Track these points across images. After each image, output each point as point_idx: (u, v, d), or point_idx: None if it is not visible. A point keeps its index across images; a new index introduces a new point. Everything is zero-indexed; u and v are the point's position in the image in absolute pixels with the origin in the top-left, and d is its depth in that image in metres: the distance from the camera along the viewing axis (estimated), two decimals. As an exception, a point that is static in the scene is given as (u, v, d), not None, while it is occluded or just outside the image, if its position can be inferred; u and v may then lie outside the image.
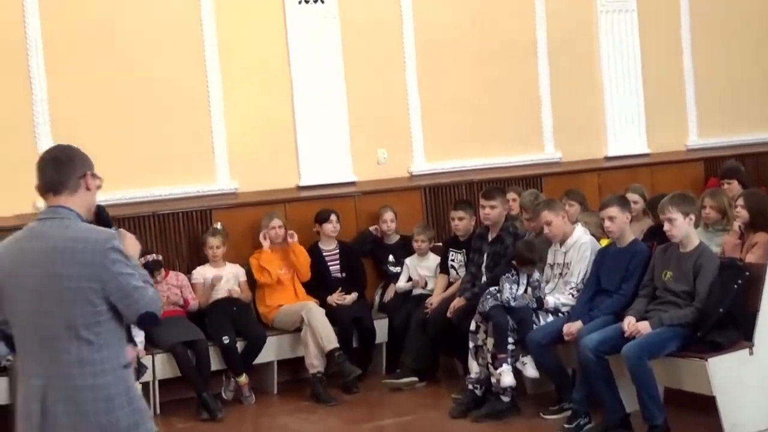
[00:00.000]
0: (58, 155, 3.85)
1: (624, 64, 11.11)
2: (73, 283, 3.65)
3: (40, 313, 3.68)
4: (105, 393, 3.67)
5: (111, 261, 3.66)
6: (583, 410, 6.75)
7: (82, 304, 3.65)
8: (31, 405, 3.68)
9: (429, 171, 10.11)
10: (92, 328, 3.66)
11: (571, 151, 10.82)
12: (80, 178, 3.81)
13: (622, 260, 6.98)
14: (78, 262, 3.64)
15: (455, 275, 8.49)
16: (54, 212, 3.76)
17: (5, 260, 3.79)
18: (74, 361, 3.65)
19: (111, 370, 3.69)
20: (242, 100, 9.33)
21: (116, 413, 3.69)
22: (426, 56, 10.13)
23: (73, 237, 3.68)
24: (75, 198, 3.78)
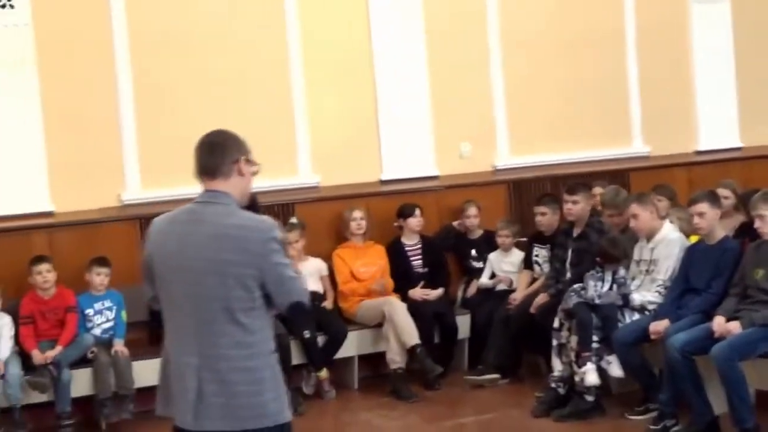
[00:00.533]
0: (214, 140, 3.90)
1: (716, 55, 10.79)
2: (235, 270, 3.73)
3: (200, 296, 3.76)
4: (256, 376, 3.77)
5: (272, 251, 3.76)
6: (669, 412, 6.56)
7: (241, 290, 3.74)
8: (188, 383, 3.78)
9: (513, 165, 9.96)
10: (247, 313, 3.76)
11: (660, 145, 10.56)
12: (233, 164, 3.85)
13: (711, 258, 6.77)
14: (242, 250, 3.73)
15: (539, 271, 8.35)
16: (213, 197, 3.83)
17: (165, 241, 3.87)
18: (230, 343, 3.75)
19: (262, 354, 3.80)
20: (325, 93, 9.31)
21: (265, 396, 3.79)
22: (511, 48, 9.99)
23: (238, 224, 3.77)
24: (229, 183, 3.84)
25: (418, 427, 7.35)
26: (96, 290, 7.76)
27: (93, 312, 7.73)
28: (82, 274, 7.83)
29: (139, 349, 7.87)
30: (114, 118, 8.63)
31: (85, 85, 8.53)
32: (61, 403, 7.33)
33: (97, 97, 8.58)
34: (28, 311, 7.55)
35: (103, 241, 8.07)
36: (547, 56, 10.14)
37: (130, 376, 7.53)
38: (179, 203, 8.42)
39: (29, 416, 7.42)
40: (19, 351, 7.47)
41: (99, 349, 7.55)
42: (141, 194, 8.67)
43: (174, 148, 8.72)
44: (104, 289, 7.78)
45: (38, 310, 7.55)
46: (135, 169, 8.70)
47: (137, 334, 8.05)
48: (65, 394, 7.34)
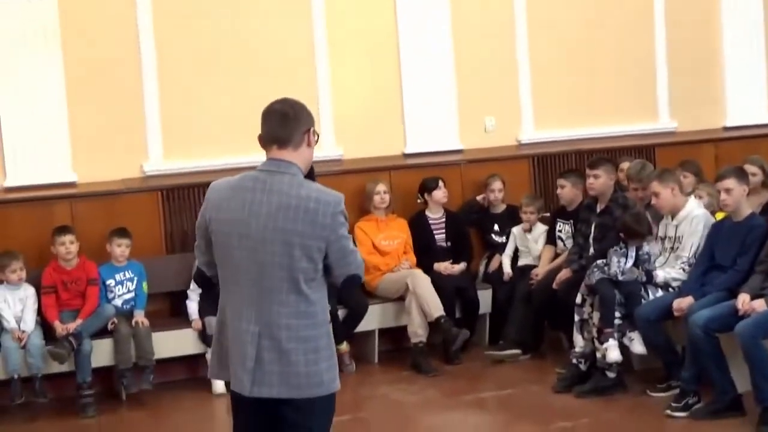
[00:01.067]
0: (287, 110, 3.91)
1: (745, 29, 10.60)
2: (303, 240, 3.78)
3: (265, 264, 3.81)
4: (313, 345, 3.83)
5: (339, 224, 3.83)
6: (691, 389, 6.50)
7: (307, 261, 3.80)
8: (247, 350, 3.83)
9: (538, 140, 9.85)
10: (309, 284, 3.83)
11: (687, 120, 10.41)
12: (304, 134, 3.90)
13: (737, 235, 6.68)
14: (310, 221, 3.78)
15: (562, 246, 8.29)
16: (280, 166, 3.85)
17: (228, 206, 3.88)
18: (291, 312, 3.81)
19: (320, 324, 3.88)
20: (348, 65, 9.22)
21: (321, 365, 3.85)
22: (536, 21, 9.85)
23: (307, 196, 3.80)
24: (298, 153, 3.88)
25: (438, 401, 7.32)
26: (117, 261, 7.76)
27: (114, 283, 7.74)
28: (104, 245, 7.84)
29: (159, 320, 7.90)
30: (137, 88, 8.57)
31: (108, 56, 8.47)
32: (82, 373, 7.34)
33: (120, 68, 8.53)
34: (50, 281, 7.56)
35: (124, 212, 8.07)
36: (573, 30, 10.00)
37: (151, 347, 7.54)
38: (201, 175, 8.58)
39: (50, 386, 7.43)
40: (41, 321, 7.49)
41: (120, 320, 7.56)
42: (163, 165, 8.64)
43: (196, 119, 8.76)
44: (125, 261, 7.78)
45: (60, 280, 7.56)
46: (157, 140, 8.64)
47: (158, 305, 8.09)
48: (86, 365, 7.35)
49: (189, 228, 8.23)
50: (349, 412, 6.72)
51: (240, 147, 8.79)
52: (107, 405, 7.52)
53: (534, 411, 6.88)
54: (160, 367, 7.68)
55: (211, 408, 7.55)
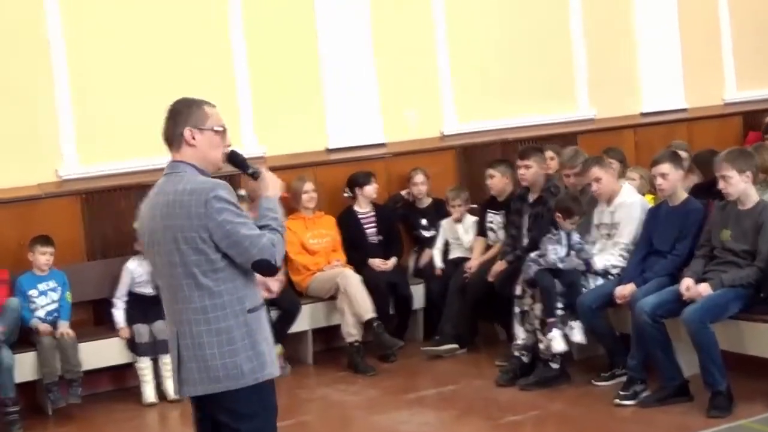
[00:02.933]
0: (172, 108, 3.97)
1: (659, 16, 10.71)
2: (185, 234, 3.78)
3: (166, 264, 3.86)
4: (227, 337, 3.81)
5: (215, 210, 3.76)
6: (639, 377, 6.47)
7: (196, 254, 3.78)
8: (172, 351, 3.94)
9: (461, 131, 9.77)
10: (210, 276, 3.80)
11: (606, 107, 10.46)
12: (180, 135, 3.90)
13: (675, 219, 6.67)
14: (186, 214, 3.77)
15: (494, 237, 8.21)
16: (171, 167, 3.92)
17: (142, 218, 4.01)
18: (197, 308, 3.81)
19: (233, 315, 3.82)
20: (267, 60, 8.99)
21: (238, 357, 3.81)
22: (454, 9, 9.77)
23: (182, 190, 3.80)
24: (181, 153, 3.91)
25: (380, 400, 7.15)
26: (40, 270, 7.40)
27: (37, 293, 7.37)
28: (20, 253, 7.48)
29: (85, 329, 7.61)
30: (49, 90, 8.20)
31: (17, 57, 8.09)
32: (4, 389, 6.98)
33: (31, 70, 8.14)
34: (-42, 290, 7.19)
35: (42, 219, 7.71)
36: (491, 20, 9.97)
37: (77, 358, 7.23)
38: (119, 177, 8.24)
39: (-30, 405, 7.06)
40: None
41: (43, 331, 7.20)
42: (79, 169, 8.28)
43: (111, 120, 8.42)
44: (48, 269, 7.42)
45: (-33, 287, 7.21)
46: (72, 142, 8.29)
47: (82, 314, 7.78)
48: (8, 380, 6.98)
49: (110, 233, 7.94)
50: (290, 417, 6.51)
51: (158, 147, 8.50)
52: (33, 421, 7.20)
53: (480, 406, 6.77)
54: (87, 379, 7.37)
55: (143, 419, 7.28)
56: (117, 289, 7.57)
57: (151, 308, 7.46)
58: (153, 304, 7.45)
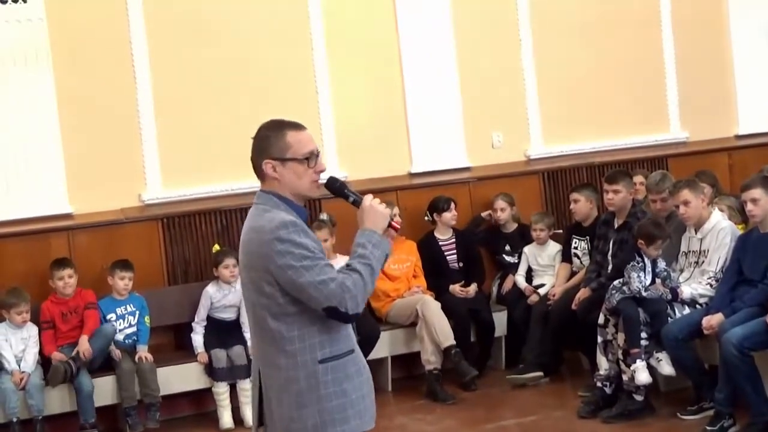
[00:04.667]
0: (256, 136, 3.71)
1: (755, 35, 10.37)
2: (250, 273, 3.59)
3: (245, 300, 3.73)
4: (295, 387, 3.55)
5: (276, 253, 3.49)
6: (726, 411, 6.21)
7: (263, 296, 3.55)
8: (254, 389, 3.73)
9: (547, 154, 9.58)
10: (281, 319, 3.54)
11: (699, 130, 10.16)
12: (264, 165, 3.65)
13: (767, 247, 6.38)
14: (251, 252, 3.59)
15: (578, 264, 8.01)
16: (257, 197, 3.70)
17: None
18: (267, 351, 3.60)
19: (302, 365, 3.54)
20: (350, 85, 8.95)
21: (305, 410, 3.56)
22: (541, 32, 9.60)
23: (251, 227, 3.61)
24: (267, 183, 3.67)
25: (457, 430, 7.00)
26: (119, 294, 7.46)
27: (115, 317, 7.44)
28: (103, 277, 7.55)
29: (164, 354, 7.64)
30: (133, 115, 8.27)
31: (103, 82, 8.18)
32: (85, 414, 7.05)
33: (116, 94, 8.22)
34: (48, 316, 7.30)
35: (124, 243, 7.78)
36: (579, 41, 9.77)
37: (155, 382, 7.25)
38: (201, 202, 8.29)
39: (51, 428, 7.11)
40: (41, 361, 7.19)
41: (122, 356, 7.24)
42: (162, 193, 8.33)
43: (195, 145, 8.47)
44: (127, 293, 7.47)
45: (59, 312, 7.30)
46: (155, 167, 8.34)
47: (162, 339, 7.81)
48: (88, 405, 7.06)
49: (190, 257, 7.97)
50: (366, 446, 6.38)
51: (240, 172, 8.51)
52: (113, 445, 7.24)
53: (560, 438, 6.58)
54: (166, 404, 7.39)
55: (220, 444, 7.26)
56: (196, 314, 7.57)
57: (229, 333, 7.50)
58: (231, 329, 7.52)
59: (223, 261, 7.56)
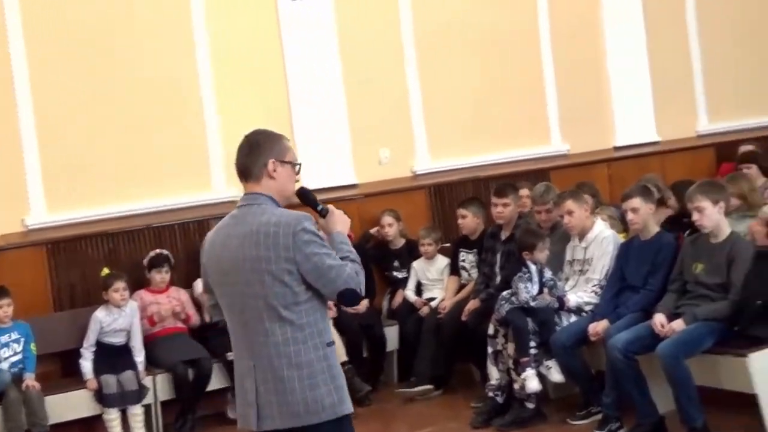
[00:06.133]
0: (251, 140, 3.95)
1: (630, 50, 10.74)
2: (269, 266, 3.75)
3: (245, 295, 3.81)
4: (308, 371, 3.77)
5: (303, 242, 3.75)
6: (614, 415, 6.38)
7: (280, 286, 3.76)
8: (246, 383, 3.84)
9: (433, 169, 9.71)
10: (292, 308, 3.77)
11: (579, 142, 10.45)
12: (264, 166, 3.88)
13: (647, 253, 6.59)
14: (273, 245, 3.75)
15: (467, 276, 8.12)
16: (250, 199, 3.89)
17: (213, 248, 3.94)
18: (278, 341, 3.77)
19: (314, 348, 3.80)
20: (236, 103, 8.91)
21: (319, 390, 3.78)
22: (426, 49, 9.76)
23: (267, 221, 3.78)
24: (261, 185, 3.88)
25: (354, 446, 7.00)
26: (1, 322, 7.25)
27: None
28: (-13, 306, 7.33)
29: (52, 382, 7.46)
30: (15, 138, 8.10)
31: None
32: (-30, 445, 6.84)
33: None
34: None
35: (6, 270, 7.56)
36: (462, 58, 9.95)
37: (44, 411, 7.07)
38: (88, 225, 8.14)
39: (-65, 462, 6.90)
40: None
41: (9, 385, 7.05)
42: (47, 218, 8.16)
43: (80, 168, 8.31)
44: (9, 321, 7.27)
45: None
46: (39, 191, 8.17)
47: (49, 366, 7.62)
48: (-27, 436, 6.85)
49: (78, 282, 7.81)
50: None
51: (128, 194, 8.44)
52: (-1, 477, 7.02)
53: (456, 449, 6.65)
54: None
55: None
56: (85, 339, 7.43)
57: (119, 358, 7.37)
58: (121, 354, 7.40)
59: (113, 284, 7.43)
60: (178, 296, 7.83)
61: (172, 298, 7.77)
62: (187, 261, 8.11)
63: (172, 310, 7.68)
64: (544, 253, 6.94)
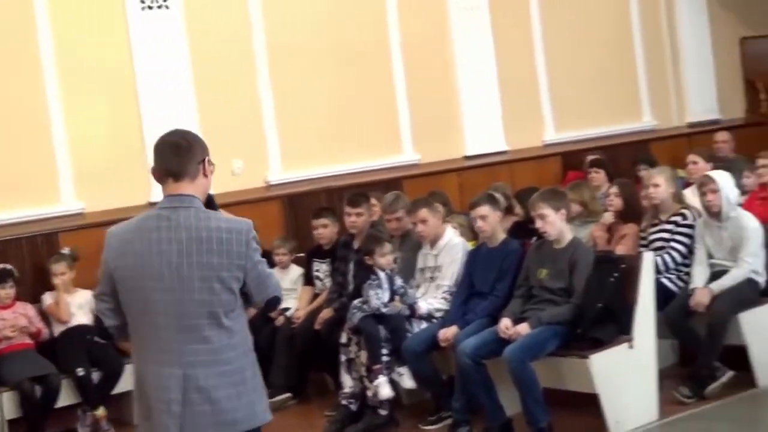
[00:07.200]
0: (180, 141, 3.81)
1: (478, 62, 11.00)
2: (220, 272, 3.69)
3: (185, 302, 3.70)
4: (240, 377, 3.74)
5: (253, 250, 3.75)
6: (463, 419, 6.51)
7: (227, 293, 3.71)
8: (172, 394, 3.69)
9: (287, 180, 9.75)
10: (230, 315, 3.73)
11: (430, 152, 10.64)
12: (199, 164, 3.79)
13: (494, 260, 6.77)
14: (225, 252, 3.69)
15: (321, 286, 8.17)
16: (182, 200, 3.74)
17: (133, 250, 3.74)
18: (216, 348, 3.70)
19: (243, 354, 3.78)
20: (85, 114, 8.80)
21: (251, 396, 3.78)
22: (278, 61, 9.80)
23: (217, 227, 3.71)
24: (194, 185, 3.77)
25: (207, 458, 6.95)
26: None
27: None
28: None
29: None
30: None
31: None
32: None
33: None
34: None
35: None
36: (314, 69, 10.02)
37: None
38: None
39: None
40: None
41: None
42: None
43: None
44: None
45: None
46: None
47: None
48: None
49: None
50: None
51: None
52: None
53: (309, 458, 6.67)
54: None
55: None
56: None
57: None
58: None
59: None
60: (25, 311, 7.63)
61: (18, 314, 7.58)
62: (34, 275, 7.93)
63: (19, 326, 7.48)
64: (386, 258, 7.00)
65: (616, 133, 11.92)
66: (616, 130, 11.97)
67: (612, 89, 12.08)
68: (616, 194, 7.53)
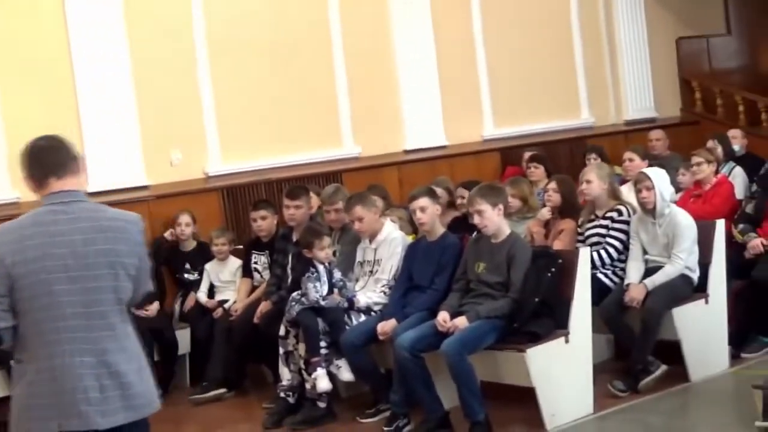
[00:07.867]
0: (51, 141, 3.89)
1: (419, 56, 11.02)
2: (122, 259, 3.80)
3: (92, 291, 3.75)
4: (141, 363, 3.88)
5: (143, 242, 3.92)
6: (401, 411, 6.53)
7: (128, 280, 3.82)
8: (86, 382, 3.71)
9: (225, 171, 9.70)
10: (126, 303, 3.85)
11: (371, 145, 10.65)
12: (76, 161, 3.87)
13: (433, 254, 6.80)
14: (125, 240, 3.82)
15: (259, 278, 8.16)
16: (69, 195, 3.80)
17: (33, 245, 3.70)
18: (120, 335, 3.80)
19: (138, 340, 3.91)
20: (21, 105, 8.64)
21: (150, 382, 3.91)
22: (218, 52, 9.74)
23: (114, 216, 3.85)
24: (78, 179, 3.86)
25: (143, 451, 6.90)
26: None
27: None
28: None
29: None
30: None
31: None
32: None
33: None
34: None
35: None
36: (254, 60, 9.97)
37: None
38: None
39: None
40: None
41: None
42: None
43: None
44: None
45: None
46: None
47: None
48: None
49: None
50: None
51: None
52: None
53: (246, 450, 6.66)
54: None
55: None
56: None
57: None
58: None
59: None
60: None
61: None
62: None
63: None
64: (325, 251, 7.00)
65: (554, 129, 12.04)
66: (555, 127, 12.10)
67: (551, 86, 12.19)
68: (554, 190, 7.60)
